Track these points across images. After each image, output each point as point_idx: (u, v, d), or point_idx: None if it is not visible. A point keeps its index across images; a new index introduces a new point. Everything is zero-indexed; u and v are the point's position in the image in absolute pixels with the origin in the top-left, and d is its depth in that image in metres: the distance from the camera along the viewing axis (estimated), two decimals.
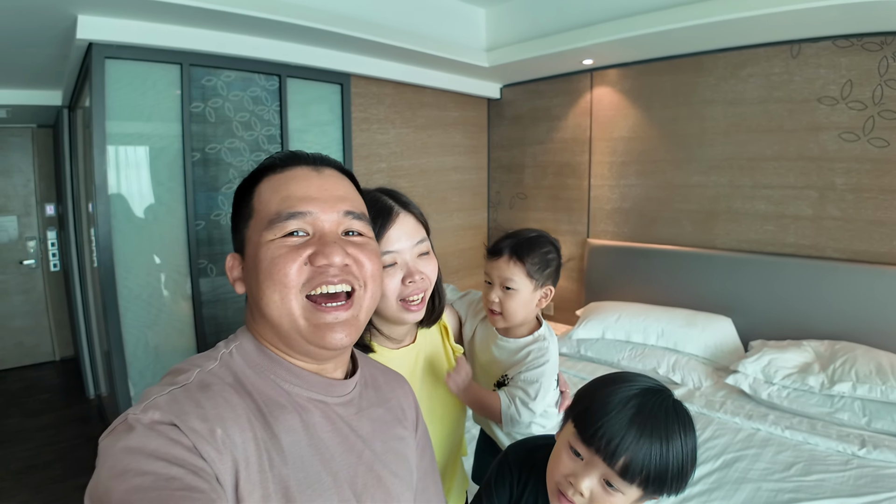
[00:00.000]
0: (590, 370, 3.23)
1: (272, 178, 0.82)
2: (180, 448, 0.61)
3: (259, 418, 0.72)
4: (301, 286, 0.76)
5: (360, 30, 3.09)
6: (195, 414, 0.65)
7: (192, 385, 0.70)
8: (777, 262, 3.18)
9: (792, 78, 3.12)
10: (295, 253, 0.76)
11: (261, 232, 0.78)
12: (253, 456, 0.68)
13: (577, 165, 4.16)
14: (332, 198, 0.81)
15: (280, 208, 0.78)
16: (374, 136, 3.87)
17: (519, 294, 1.46)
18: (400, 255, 1.16)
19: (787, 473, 2.16)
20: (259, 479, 0.67)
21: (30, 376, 5.31)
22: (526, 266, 1.46)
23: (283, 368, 0.79)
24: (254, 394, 0.75)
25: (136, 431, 0.62)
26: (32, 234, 5.52)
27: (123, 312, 2.86)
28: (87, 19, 2.57)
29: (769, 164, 3.24)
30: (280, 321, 0.76)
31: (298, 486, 0.70)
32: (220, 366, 0.76)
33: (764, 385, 2.73)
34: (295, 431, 0.74)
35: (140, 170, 2.90)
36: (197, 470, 0.61)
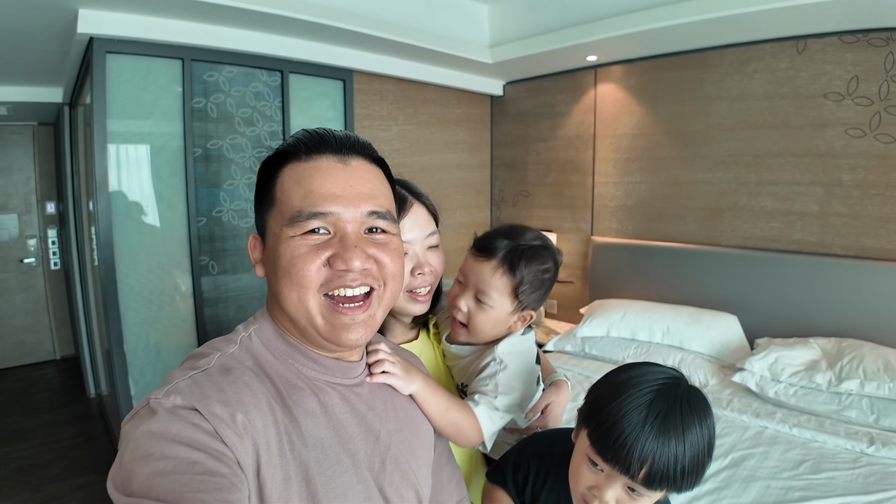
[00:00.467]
0: (594, 368, 3.21)
1: (296, 166, 0.79)
2: (201, 433, 0.62)
3: (279, 402, 0.73)
4: (319, 286, 0.75)
5: (362, 25, 3.07)
6: (217, 398, 0.66)
7: (214, 369, 0.71)
8: (783, 259, 3.15)
9: (798, 74, 3.10)
10: (314, 254, 0.75)
11: (282, 226, 0.77)
12: (273, 439, 0.68)
13: (580, 162, 4.13)
14: (358, 196, 0.78)
15: (302, 206, 0.76)
16: (377, 133, 3.84)
17: (493, 312, 1.19)
18: (411, 245, 1.15)
19: (797, 471, 2.13)
20: (280, 462, 0.68)
21: (30, 375, 5.30)
22: (515, 282, 1.17)
23: (302, 354, 0.80)
24: (273, 377, 0.75)
25: (159, 416, 0.62)
26: (33, 233, 5.50)
27: (124, 310, 2.84)
28: (88, 13, 2.56)
29: (775, 161, 3.21)
30: (297, 317, 0.77)
31: (319, 467, 0.71)
32: (241, 349, 0.77)
33: (771, 383, 2.70)
34: (314, 414, 0.75)
35: (141, 166, 2.89)
36: (218, 454, 0.61)
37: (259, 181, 0.84)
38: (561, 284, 3.96)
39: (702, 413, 0.88)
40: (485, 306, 1.19)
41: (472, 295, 1.20)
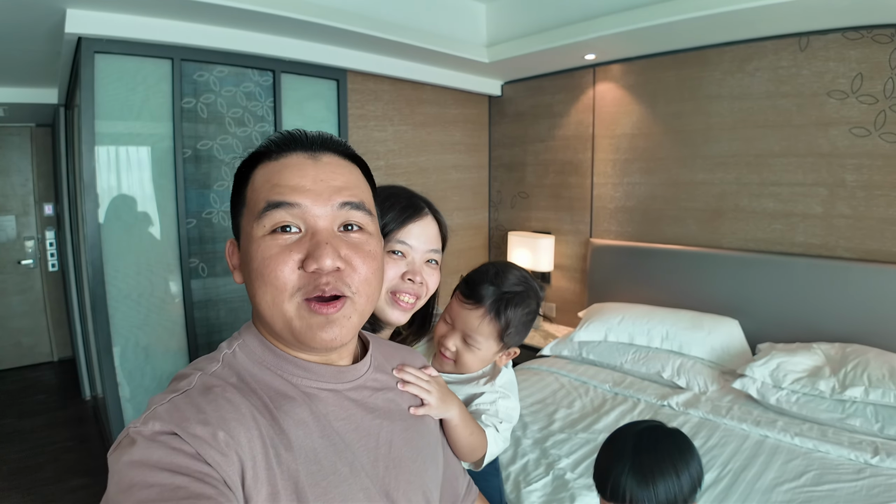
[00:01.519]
0: (591, 374, 3.15)
1: (267, 165, 0.79)
2: (183, 456, 0.61)
3: (265, 415, 0.71)
4: (294, 291, 0.74)
5: (356, 24, 3.02)
6: (196, 419, 0.64)
7: (194, 390, 0.70)
8: (786, 261, 3.08)
9: (800, 71, 3.03)
10: (286, 255, 0.73)
11: (252, 224, 0.76)
12: (260, 454, 0.67)
13: (579, 163, 4.08)
14: (328, 189, 0.77)
15: (268, 197, 0.75)
16: (372, 134, 3.79)
17: (480, 353, 1.28)
18: (412, 250, 1.17)
19: (798, 483, 2.05)
20: (266, 476, 0.66)
21: (27, 377, 5.29)
22: (501, 327, 1.26)
23: (289, 363, 0.78)
24: (258, 391, 0.74)
25: (138, 444, 0.61)
26: (31, 234, 5.50)
27: (112, 313, 2.81)
28: (76, 13, 2.53)
29: (777, 161, 3.15)
30: (273, 320, 0.75)
31: (311, 478, 0.70)
32: (223, 367, 0.76)
33: (772, 389, 2.63)
34: (305, 424, 0.74)
35: (130, 167, 2.85)
36: (202, 476, 0.60)
37: (234, 185, 0.84)
38: (560, 289, 3.92)
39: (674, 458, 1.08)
40: (472, 348, 1.27)
41: (460, 336, 1.28)
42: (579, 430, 2.50)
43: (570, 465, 2.21)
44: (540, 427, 2.56)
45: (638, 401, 2.80)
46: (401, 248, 1.16)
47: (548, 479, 2.11)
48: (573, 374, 3.15)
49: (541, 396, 2.91)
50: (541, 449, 2.35)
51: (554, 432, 2.50)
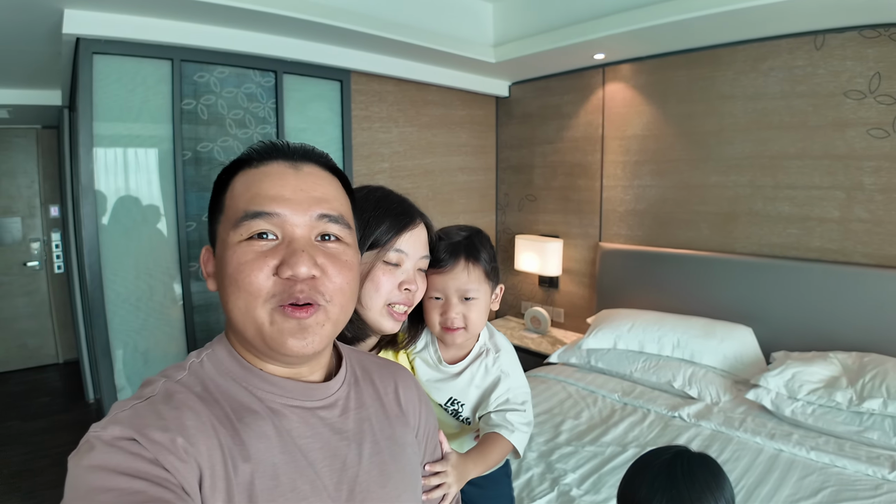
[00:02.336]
0: (600, 382, 3.07)
1: (247, 172, 0.79)
2: (142, 461, 0.61)
3: (227, 425, 0.70)
4: (268, 298, 0.73)
5: (360, 24, 2.98)
6: (156, 426, 0.64)
7: (157, 397, 0.70)
8: (801, 267, 3.00)
9: (816, 71, 2.95)
10: (262, 261, 0.73)
11: (228, 231, 0.75)
12: (218, 463, 0.66)
13: (588, 165, 4.00)
14: (308, 199, 0.77)
15: (247, 207, 0.75)
16: (376, 135, 3.74)
17: (480, 302, 1.34)
18: (407, 258, 1.16)
19: (815, 500, 1.96)
20: (224, 486, 0.66)
21: (32, 379, 5.30)
22: (485, 267, 1.33)
23: (255, 376, 0.77)
24: (222, 401, 0.73)
25: (97, 449, 0.61)
26: (36, 236, 5.52)
27: (111, 317, 2.78)
28: (74, 13, 2.51)
29: (792, 163, 3.06)
30: (244, 328, 0.74)
31: (268, 494, 0.69)
32: (189, 375, 0.75)
33: (787, 401, 2.55)
34: (267, 438, 0.72)
35: (129, 169, 2.82)
36: (161, 481, 0.60)
37: (213, 192, 0.83)
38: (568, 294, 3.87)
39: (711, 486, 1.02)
40: (473, 302, 1.32)
41: (459, 300, 1.31)
42: (587, 443, 2.43)
43: (577, 480, 2.13)
44: (546, 439, 2.49)
45: (648, 411, 2.73)
46: (397, 257, 1.15)
47: (552, 496, 2.04)
48: (581, 383, 3.07)
49: (547, 406, 2.84)
50: (546, 463, 2.27)
51: (560, 445, 2.42)
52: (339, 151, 3.52)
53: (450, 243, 1.33)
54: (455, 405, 1.41)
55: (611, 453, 2.33)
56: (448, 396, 1.40)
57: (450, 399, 1.41)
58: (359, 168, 3.58)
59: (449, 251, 1.31)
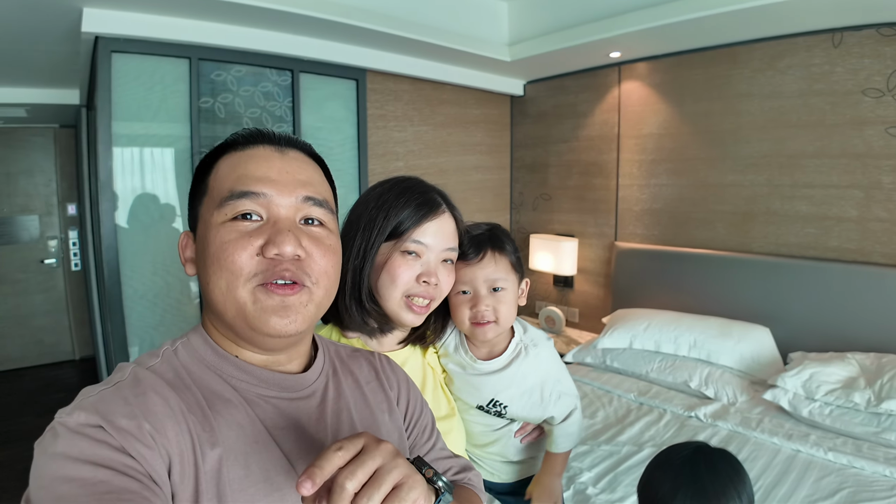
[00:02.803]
0: (615, 382, 3.06)
1: (232, 155, 0.79)
2: (107, 448, 0.60)
3: (197, 412, 0.69)
4: (251, 277, 0.72)
5: (376, 23, 2.98)
6: (122, 412, 0.63)
7: (125, 383, 0.68)
8: (819, 267, 2.97)
9: (833, 69, 2.92)
10: (245, 240, 0.72)
11: (212, 211, 0.75)
12: (188, 450, 0.66)
13: (604, 164, 3.99)
14: (293, 181, 0.77)
15: (233, 187, 0.75)
16: (391, 134, 3.74)
17: (509, 293, 1.33)
18: (427, 249, 1.14)
19: (832, 501, 1.95)
20: (193, 474, 0.65)
21: (48, 375, 5.34)
22: (510, 257, 1.34)
23: (231, 364, 0.77)
24: (193, 388, 0.72)
25: (61, 437, 0.60)
26: (54, 234, 5.58)
27: (128, 313, 2.81)
28: (93, 12, 2.53)
29: (810, 162, 3.04)
30: (224, 308, 0.73)
31: (238, 483, 0.68)
32: (162, 362, 0.74)
33: (805, 401, 2.52)
34: (240, 427, 0.72)
35: (146, 166, 2.84)
36: (126, 469, 0.59)
37: (195, 177, 0.83)
38: (583, 294, 3.86)
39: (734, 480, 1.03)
40: (502, 293, 1.31)
41: (488, 291, 1.30)
42: (602, 442, 2.42)
43: (592, 479, 2.13)
44: None
45: (664, 411, 2.71)
46: (415, 248, 1.12)
47: (568, 494, 2.03)
48: (596, 383, 3.07)
49: None
50: None
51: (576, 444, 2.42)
52: (354, 150, 3.53)
53: (473, 236, 1.32)
54: (497, 406, 1.39)
55: (626, 452, 2.32)
56: (490, 398, 1.38)
57: (491, 401, 1.38)
58: (374, 167, 3.59)
59: (474, 243, 1.30)
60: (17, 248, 5.41)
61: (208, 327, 0.80)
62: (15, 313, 5.43)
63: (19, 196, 5.38)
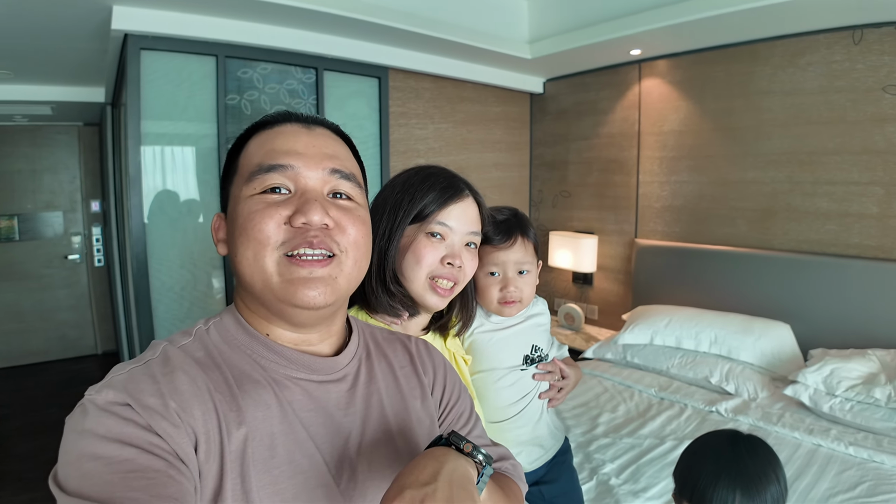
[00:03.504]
0: (636, 378, 3.08)
1: (261, 134, 0.80)
2: (133, 427, 0.60)
3: (224, 391, 0.69)
4: (278, 245, 0.72)
5: (398, 20, 3.01)
6: (149, 391, 0.64)
7: (155, 361, 0.69)
8: (840, 264, 2.97)
9: (854, 66, 2.92)
10: (273, 209, 0.73)
11: (241, 186, 0.76)
12: (214, 429, 0.66)
13: (624, 161, 3.99)
14: (319, 154, 0.78)
15: (261, 161, 0.76)
16: (412, 132, 3.78)
17: (532, 275, 1.46)
18: (451, 232, 1.15)
19: (853, 493, 1.97)
20: (218, 453, 0.65)
21: (72, 369, 5.42)
22: (533, 241, 1.46)
23: (261, 344, 0.76)
24: (223, 367, 0.72)
25: (90, 414, 0.61)
26: (78, 230, 5.67)
27: (156, 305, 2.85)
28: (122, 10, 2.57)
29: (831, 159, 3.03)
30: (252, 280, 0.73)
31: (262, 464, 0.67)
32: (194, 341, 0.75)
33: (825, 397, 2.53)
34: (267, 407, 0.71)
35: (174, 162, 2.88)
36: (151, 448, 0.59)
37: (227, 157, 0.84)
38: (603, 291, 3.87)
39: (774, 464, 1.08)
40: (527, 275, 1.44)
41: (516, 274, 1.42)
42: (624, 435, 2.44)
43: (615, 470, 2.15)
44: (583, 431, 2.51)
45: (685, 406, 2.73)
46: (440, 230, 1.13)
47: (591, 485, 2.06)
48: (617, 378, 3.08)
49: (584, 399, 2.85)
50: (584, 453, 2.29)
51: (598, 436, 2.44)
52: (376, 147, 3.56)
53: (500, 220, 1.42)
54: (538, 351, 1.53)
55: (648, 445, 2.34)
56: (531, 344, 1.52)
57: (533, 346, 1.52)
58: (395, 164, 3.62)
59: (503, 228, 1.41)
60: (42, 244, 5.51)
61: (240, 307, 0.80)
62: (39, 308, 5.53)
63: (44, 193, 5.48)
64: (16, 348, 5.44)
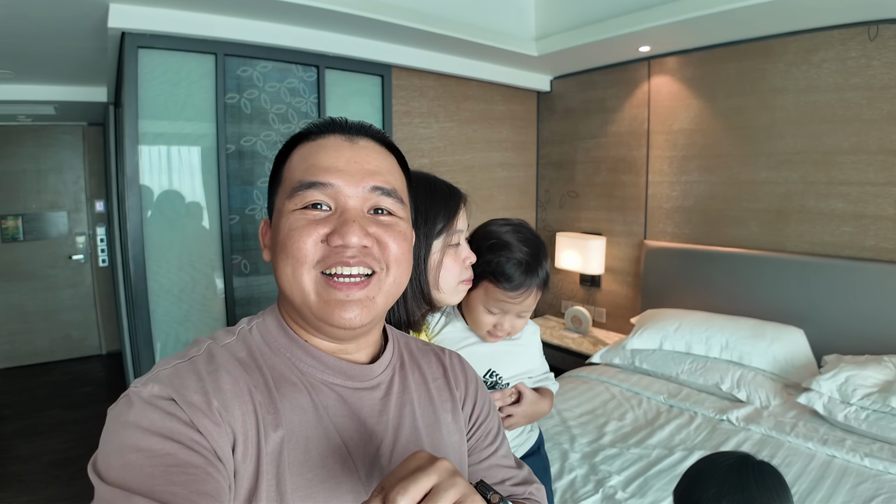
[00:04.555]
0: (644, 384, 3.01)
1: (305, 145, 0.80)
2: (176, 422, 0.62)
3: (265, 393, 0.71)
4: (315, 263, 0.73)
5: (401, 17, 2.96)
6: (194, 388, 0.65)
7: (200, 358, 0.71)
8: (855, 267, 2.89)
9: (870, 63, 2.84)
10: (312, 227, 0.73)
11: (284, 200, 0.77)
12: (252, 430, 0.67)
13: (633, 161, 3.92)
14: (361, 171, 0.77)
15: (303, 177, 0.76)
16: (416, 131, 3.72)
17: (528, 315, 1.43)
18: (461, 234, 1.21)
19: None
20: (255, 454, 0.66)
21: (76, 369, 5.44)
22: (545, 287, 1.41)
23: (300, 348, 0.78)
24: (264, 368, 0.74)
25: (135, 406, 0.62)
26: (82, 230, 5.70)
27: (154, 308, 2.82)
28: (119, 7, 2.54)
29: (846, 158, 2.95)
30: (292, 295, 0.75)
31: (297, 467, 0.69)
32: (237, 340, 0.77)
33: (840, 405, 2.45)
34: (303, 411, 0.73)
35: (172, 162, 2.85)
36: (192, 444, 0.61)
37: (273, 166, 0.85)
38: (611, 293, 3.80)
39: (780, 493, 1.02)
40: (525, 318, 1.42)
41: (514, 316, 1.39)
42: (632, 445, 2.37)
43: (622, 482, 2.08)
44: (589, 440, 2.43)
45: (695, 414, 2.66)
46: (458, 237, 1.20)
47: (597, 497, 1.99)
48: (625, 384, 3.01)
49: (590, 407, 2.78)
50: (590, 464, 2.22)
51: (604, 446, 2.37)
52: None
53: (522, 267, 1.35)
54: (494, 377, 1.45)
55: (657, 456, 2.27)
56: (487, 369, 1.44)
57: (489, 371, 1.45)
58: None
59: (523, 278, 1.35)
60: (47, 244, 5.53)
61: (282, 310, 0.82)
62: (44, 308, 5.54)
63: (49, 193, 5.50)
64: (20, 348, 5.46)
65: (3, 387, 4.98)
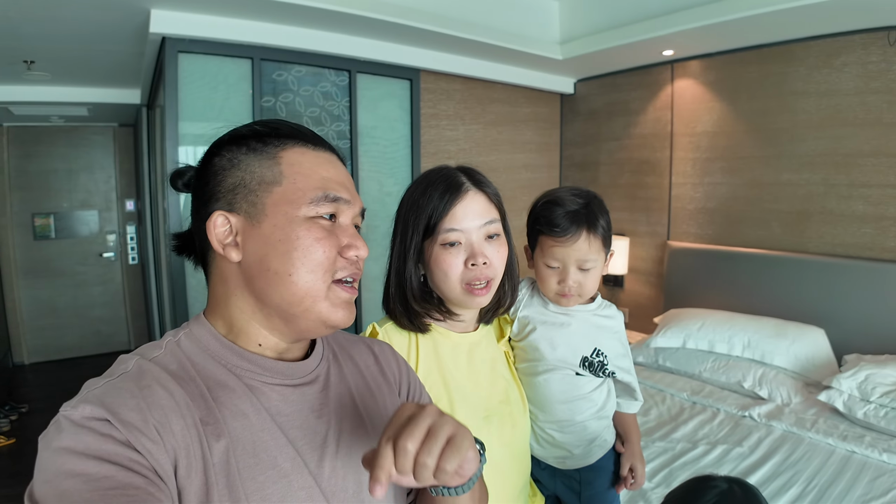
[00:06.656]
0: (668, 382, 3.06)
1: (304, 150, 0.80)
2: (112, 443, 0.59)
3: (201, 404, 0.69)
4: (333, 272, 0.77)
5: (430, 22, 3.05)
6: (129, 405, 0.62)
7: (129, 374, 0.67)
8: (876, 268, 2.93)
9: (890, 67, 2.88)
10: (333, 238, 0.77)
11: (298, 206, 0.75)
12: (194, 443, 0.65)
13: (656, 162, 3.97)
14: (353, 193, 0.83)
15: (326, 188, 0.77)
16: (443, 133, 3.80)
17: (596, 270, 1.33)
18: (465, 234, 1.12)
19: (886, 500, 1.94)
20: (201, 467, 0.65)
21: (105, 364, 5.12)
22: (602, 235, 1.30)
23: (234, 354, 0.76)
24: (198, 379, 0.72)
25: (65, 431, 0.59)
26: (112, 229, 5.79)
27: (192, 303, 2.91)
28: (160, 14, 2.63)
29: (867, 161, 2.99)
30: (294, 297, 0.75)
31: (248, 472, 0.68)
32: (165, 353, 0.73)
33: (860, 403, 2.50)
34: (245, 416, 0.72)
35: None
36: (131, 464, 0.59)
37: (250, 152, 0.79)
38: (634, 293, 3.83)
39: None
40: (590, 271, 1.32)
41: (576, 269, 1.31)
42: (656, 439, 2.44)
43: (648, 473, 2.14)
44: None
45: (717, 410, 2.71)
46: (453, 237, 1.11)
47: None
48: (648, 382, 3.07)
49: None
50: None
51: None
52: (407, 149, 3.59)
53: (569, 212, 1.28)
54: (600, 356, 1.36)
55: (681, 449, 2.33)
56: (592, 347, 1.36)
57: (594, 350, 1.36)
58: (426, 165, 3.63)
59: (569, 221, 1.28)
60: (78, 242, 5.63)
61: (211, 319, 0.79)
62: (74, 304, 5.65)
63: (80, 192, 5.61)
64: (51, 343, 5.57)
65: (34, 380, 5.08)
